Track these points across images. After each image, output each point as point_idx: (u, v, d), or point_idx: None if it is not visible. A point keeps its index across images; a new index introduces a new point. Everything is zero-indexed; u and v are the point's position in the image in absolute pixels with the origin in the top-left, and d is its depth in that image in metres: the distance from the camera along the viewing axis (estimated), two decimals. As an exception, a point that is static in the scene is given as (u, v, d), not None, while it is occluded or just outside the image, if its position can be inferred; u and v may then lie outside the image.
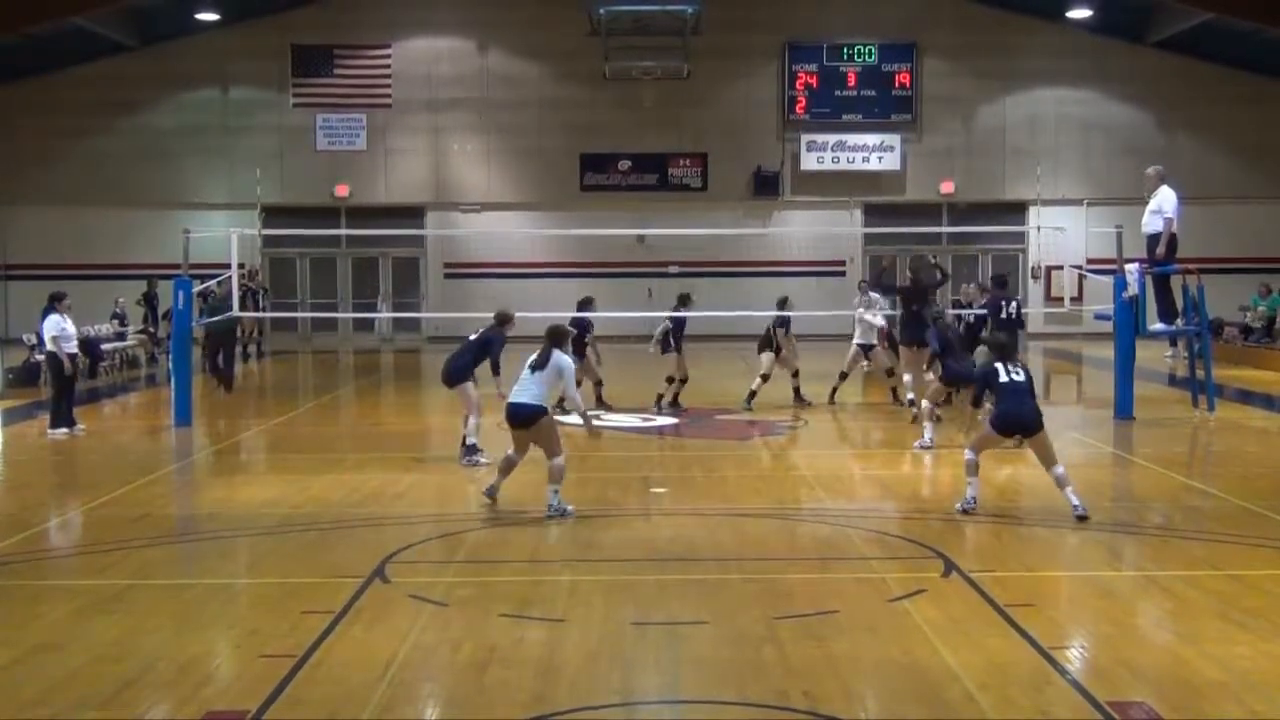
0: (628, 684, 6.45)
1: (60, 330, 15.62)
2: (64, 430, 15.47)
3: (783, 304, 18.12)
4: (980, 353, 13.93)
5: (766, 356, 17.78)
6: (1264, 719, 5.89)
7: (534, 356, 10.75)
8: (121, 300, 26.62)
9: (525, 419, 10.56)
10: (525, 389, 10.62)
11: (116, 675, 6.50)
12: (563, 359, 10.74)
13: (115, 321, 25.96)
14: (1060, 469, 10.33)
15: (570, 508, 10.38)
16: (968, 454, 10.53)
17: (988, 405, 11.66)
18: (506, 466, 10.87)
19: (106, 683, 6.40)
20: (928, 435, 13.73)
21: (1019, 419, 10.35)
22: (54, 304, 15.86)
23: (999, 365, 10.46)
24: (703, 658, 6.80)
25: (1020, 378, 10.42)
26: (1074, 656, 6.88)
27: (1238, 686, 6.26)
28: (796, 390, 17.95)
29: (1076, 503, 10.15)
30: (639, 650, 6.97)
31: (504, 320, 13.26)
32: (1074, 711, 5.97)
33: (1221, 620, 7.37)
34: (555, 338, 10.82)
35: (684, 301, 18.08)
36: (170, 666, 6.65)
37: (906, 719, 6.05)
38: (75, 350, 16.12)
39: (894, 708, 6.19)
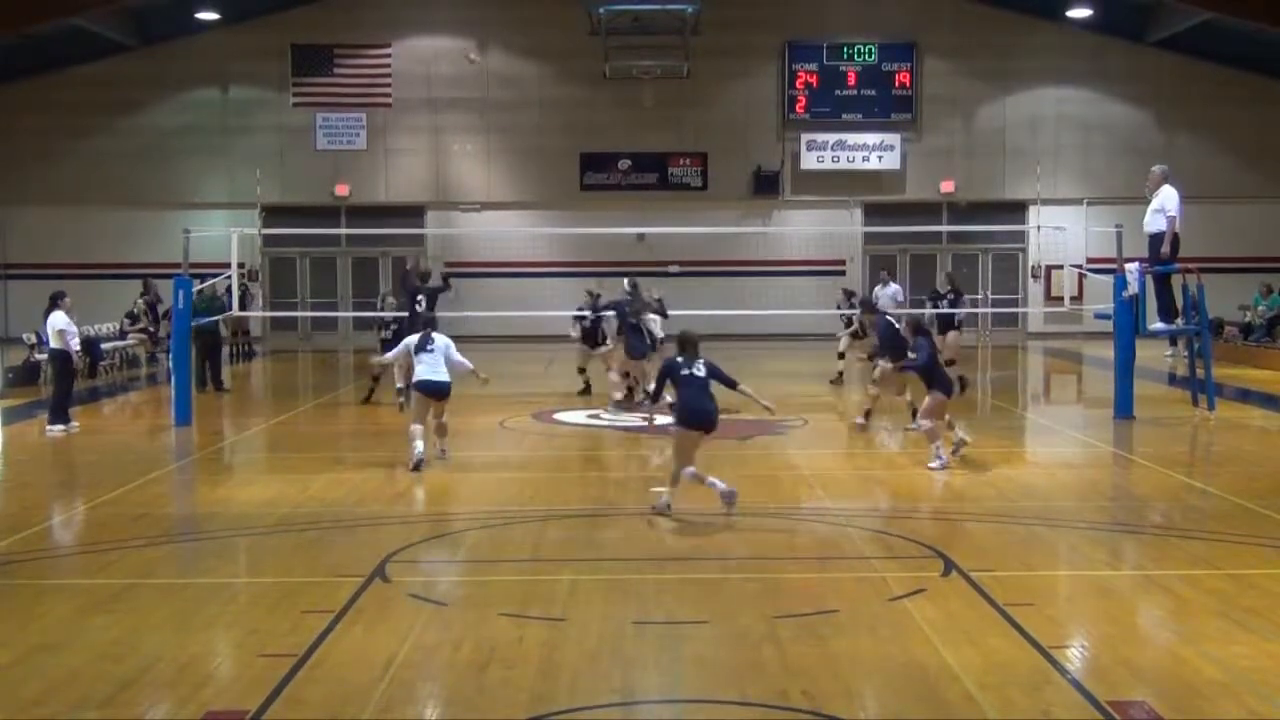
0: (628, 684, 6.45)
1: (67, 325, 15.95)
2: (60, 427, 15.60)
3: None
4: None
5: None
6: (1264, 719, 5.89)
7: (415, 340, 12.83)
8: (139, 300, 26.64)
9: (446, 393, 12.78)
10: (436, 369, 12.64)
11: (116, 675, 6.50)
12: (442, 336, 12.90)
13: (127, 320, 26.00)
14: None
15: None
16: (686, 470, 10.35)
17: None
18: (424, 433, 12.63)
19: (106, 683, 6.40)
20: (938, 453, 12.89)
21: (702, 411, 10.35)
22: (56, 302, 16.11)
23: (680, 359, 10.46)
24: (703, 657, 6.80)
25: (700, 373, 10.42)
26: (1074, 656, 6.88)
27: (1238, 686, 6.26)
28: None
29: (722, 487, 10.21)
30: (639, 650, 6.97)
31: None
32: (1074, 711, 5.97)
33: (1221, 619, 7.36)
34: (430, 323, 13.25)
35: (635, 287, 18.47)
36: (170, 666, 6.65)
37: (906, 719, 6.05)
38: (78, 346, 16.35)
39: (894, 707, 6.19)
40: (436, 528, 10.14)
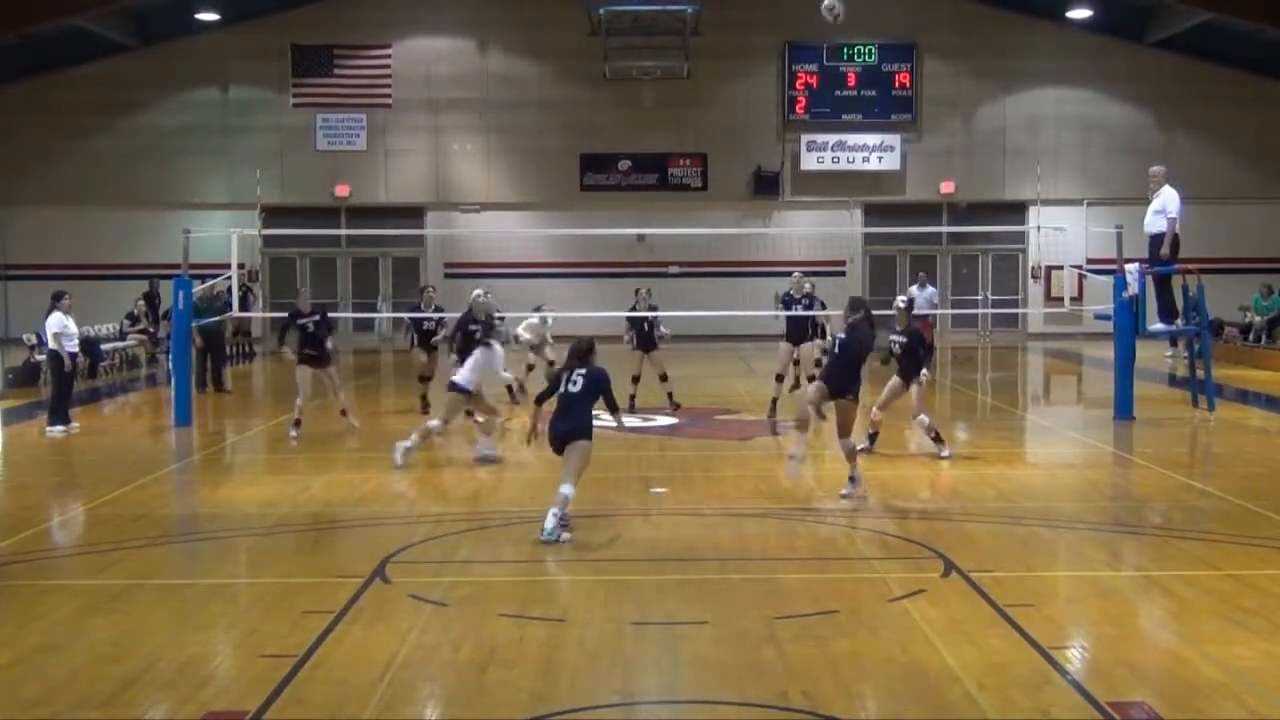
0: (628, 684, 6.45)
1: (62, 328, 15.95)
2: (61, 428, 15.62)
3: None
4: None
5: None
6: (1264, 719, 5.90)
7: None
8: (140, 301, 26.66)
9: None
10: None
11: (116, 675, 6.50)
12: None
13: (127, 321, 26.01)
14: (570, 490, 9.42)
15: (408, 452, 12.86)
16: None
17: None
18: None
19: (106, 683, 6.40)
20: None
21: (560, 431, 9.59)
22: (56, 303, 16.13)
23: (565, 373, 9.78)
24: (703, 658, 6.80)
25: (575, 389, 9.62)
26: (1074, 656, 6.88)
27: (1238, 686, 6.26)
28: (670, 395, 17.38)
29: (552, 524, 9.36)
30: (639, 650, 6.98)
31: None
32: (1074, 711, 5.97)
33: (1221, 620, 7.37)
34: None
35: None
36: (170, 666, 6.65)
37: (906, 719, 6.05)
38: (76, 349, 16.37)
39: (894, 708, 6.19)
40: (436, 528, 10.13)
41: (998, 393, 22.20)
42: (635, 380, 17.38)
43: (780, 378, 17.12)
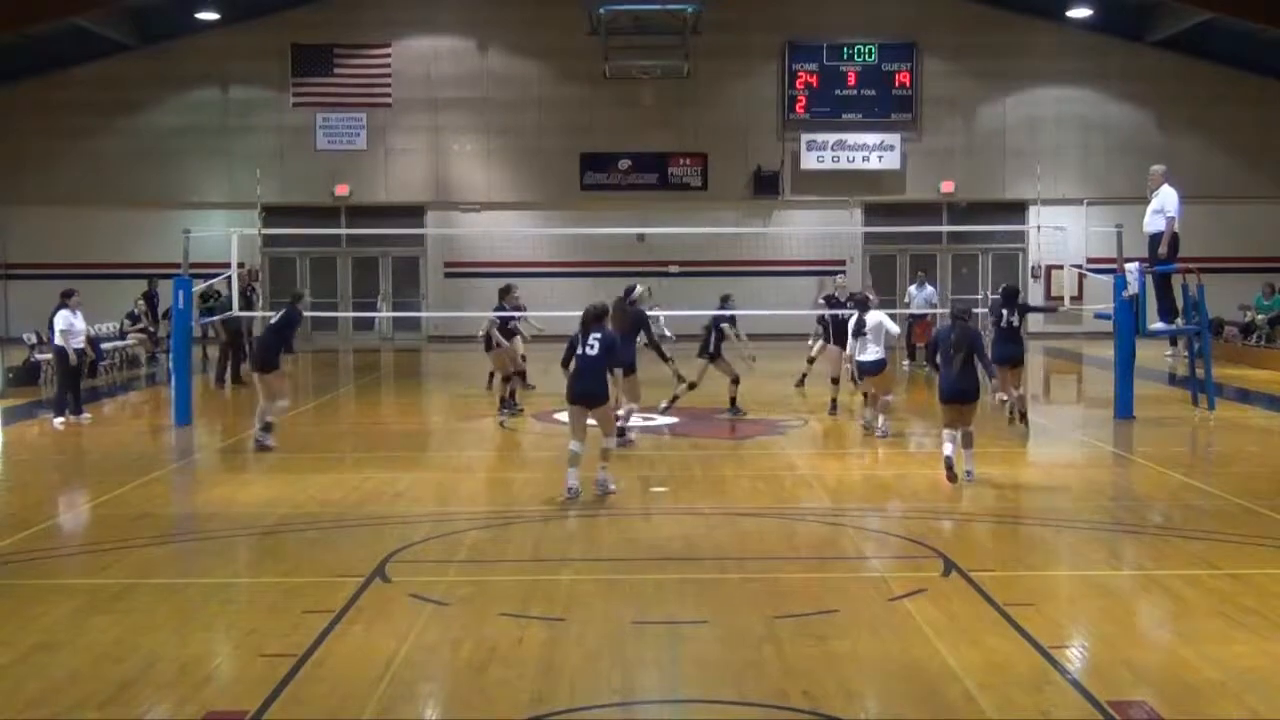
0: (628, 683, 6.45)
1: (69, 325, 16.47)
2: (60, 420, 15.93)
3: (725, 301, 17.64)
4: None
5: (701, 362, 16.92)
6: (1264, 719, 5.90)
7: None
8: (140, 301, 26.66)
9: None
10: None
11: (116, 675, 6.50)
12: None
13: (128, 320, 26.03)
14: (611, 442, 11.20)
15: None
16: (571, 444, 10.97)
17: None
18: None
19: (106, 683, 6.40)
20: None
21: (579, 391, 10.90)
22: (64, 300, 16.70)
23: (580, 334, 10.87)
24: (702, 657, 6.80)
25: (594, 351, 10.82)
26: (1074, 656, 6.88)
27: (1238, 686, 6.26)
28: (733, 400, 17.04)
29: (602, 477, 10.96)
30: (639, 650, 6.98)
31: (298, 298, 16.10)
32: (1074, 711, 5.98)
33: (1221, 619, 7.37)
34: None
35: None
36: (170, 666, 6.65)
37: (906, 719, 6.05)
38: (82, 345, 16.85)
39: (894, 708, 6.20)
40: (436, 528, 10.13)
41: (998, 392, 22.15)
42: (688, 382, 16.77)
43: (836, 380, 17.33)
